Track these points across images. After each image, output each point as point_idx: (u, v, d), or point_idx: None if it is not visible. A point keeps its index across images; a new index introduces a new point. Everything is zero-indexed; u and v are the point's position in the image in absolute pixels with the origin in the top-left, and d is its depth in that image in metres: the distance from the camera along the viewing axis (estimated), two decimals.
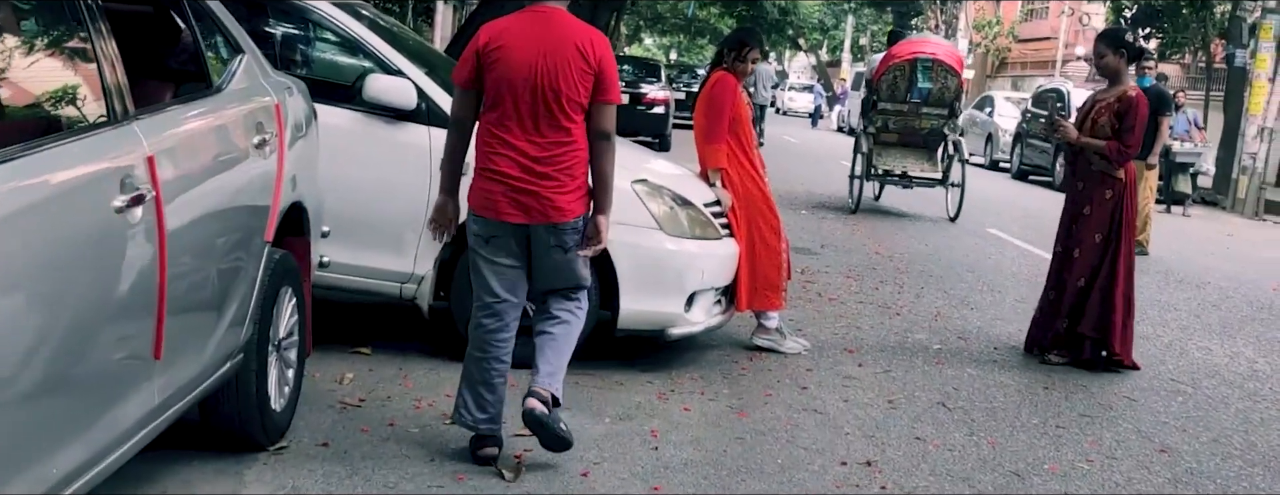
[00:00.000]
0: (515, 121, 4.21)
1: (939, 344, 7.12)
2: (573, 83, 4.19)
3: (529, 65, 4.16)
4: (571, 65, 4.18)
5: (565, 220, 4.28)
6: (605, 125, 4.30)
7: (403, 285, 5.78)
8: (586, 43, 4.22)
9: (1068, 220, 6.88)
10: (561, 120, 4.21)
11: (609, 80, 4.27)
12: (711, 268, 5.98)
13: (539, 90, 4.17)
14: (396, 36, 6.49)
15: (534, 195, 4.22)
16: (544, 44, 4.18)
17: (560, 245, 4.33)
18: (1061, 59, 38.99)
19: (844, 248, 11.08)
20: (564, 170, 4.24)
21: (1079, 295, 6.73)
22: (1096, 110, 6.75)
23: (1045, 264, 11.06)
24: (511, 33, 4.23)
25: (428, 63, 6.33)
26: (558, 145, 4.23)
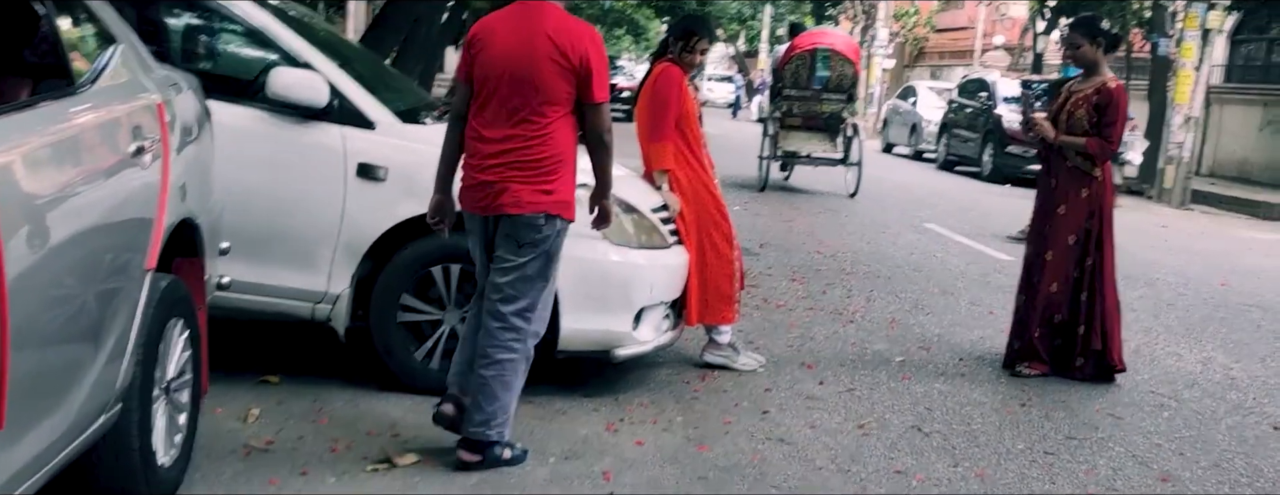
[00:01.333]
0: (490, 114, 4.18)
1: (901, 355, 6.61)
2: (545, 77, 4.10)
3: (504, 58, 4.13)
4: (543, 59, 4.09)
5: (521, 212, 4.14)
6: (599, 126, 4.19)
7: (316, 306, 5.13)
8: (564, 38, 4.11)
9: (1040, 221, 6.41)
10: (529, 114, 4.13)
11: (597, 78, 4.15)
12: (660, 280, 5.41)
13: (511, 84, 4.12)
14: (307, 27, 5.81)
15: (491, 186, 4.16)
16: (520, 38, 4.13)
17: (512, 236, 4.18)
18: (980, 48, 38.98)
19: (784, 247, 10.56)
20: (527, 163, 4.14)
21: (1051, 301, 6.26)
22: (1073, 103, 6.28)
23: (990, 261, 10.81)
24: (495, 26, 4.23)
25: (341, 55, 5.68)
26: (523, 138, 4.14)
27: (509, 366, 4.23)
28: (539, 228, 4.18)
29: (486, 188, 4.18)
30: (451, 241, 5.08)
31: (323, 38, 5.99)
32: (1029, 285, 6.38)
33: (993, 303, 8.44)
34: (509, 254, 4.21)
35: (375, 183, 5.08)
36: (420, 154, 5.10)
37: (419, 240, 5.12)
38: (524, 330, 4.24)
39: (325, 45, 5.69)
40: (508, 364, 4.23)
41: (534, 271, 4.23)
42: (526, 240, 4.18)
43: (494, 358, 4.21)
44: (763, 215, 12.73)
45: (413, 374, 5.17)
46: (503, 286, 4.22)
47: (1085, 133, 6.20)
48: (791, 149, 15.46)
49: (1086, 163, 6.22)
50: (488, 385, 4.21)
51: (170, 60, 5.55)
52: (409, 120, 5.32)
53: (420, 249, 5.13)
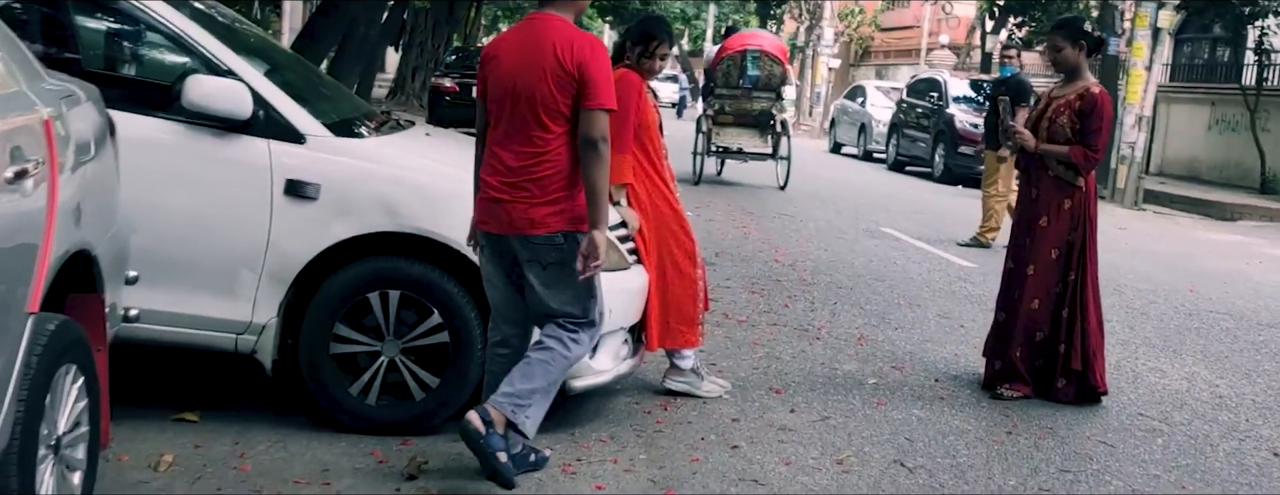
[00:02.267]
0: (500, 131, 4.13)
1: (873, 376, 6.21)
2: (548, 90, 4.02)
3: (511, 74, 4.09)
4: (547, 72, 4.02)
5: (536, 233, 4.06)
6: (590, 132, 4.01)
7: (239, 337, 4.63)
8: (565, 47, 4.03)
9: (1020, 233, 6.04)
10: (536, 129, 4.05)
11: (593, 84, 4.02)
12: (619, 304, 4.95)
13: (517, 99, 4.06)
14: (232, 31, 5.33)
15: (506, 205, 4.09)
16: (525, 52, 4.08)
17: (535, 260, 4.10)
18: (925, 48, 38.88)
19: (740, 256, 10.15)
20: (537, 181, 4.06)
21: (1032, 319, 5.90)
22: (1054, 109, 5.91)
23: (953, 268, 10.48)
24: (503, 42, 4.24)
25: (270, 62, 5.20)
26: (533, 156, 4.06)
27: (556, 358, 4.13)
28: (559, 247, 4.08)
29: (500, 206, 4.10)
30: (389, 266, 4.65)
31: (252, 43, 5.52)
32: (1009, 301, 6.01)
33: (962, 315, 8.08)
34: (540, 276, 4.12)
35: (305, 201, 4.59)
36: (355, 170, 4.66)
37: (353, 264, 4.66)
38: (581, 336, 4.21)
39: (252, 51, 5.22)
40: (556, 356, 4.13)
41: (572, 283, 4.12)
42: (550, 260, 4.10)
43: (546, 343, 4.15)
44: (716, 221, 12.32)
45: (347, 411, 4.70)
46: (556, 309, 4.16)
47: (1068, 141, 5.84)
48: (724, 145, 16.31)
49: (1069, 172, 5.86)
50: (530, 365, 4.12)
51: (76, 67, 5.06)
52: (343, 133, 4.85)
53: (355, 274, 4.66)
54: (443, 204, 4.66)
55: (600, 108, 4.01)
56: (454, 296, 4.65)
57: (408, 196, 4.64)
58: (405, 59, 29.89)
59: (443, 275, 4.66)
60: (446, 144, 5.65)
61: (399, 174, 4.71)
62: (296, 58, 6.05)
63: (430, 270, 4.65)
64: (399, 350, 4.69)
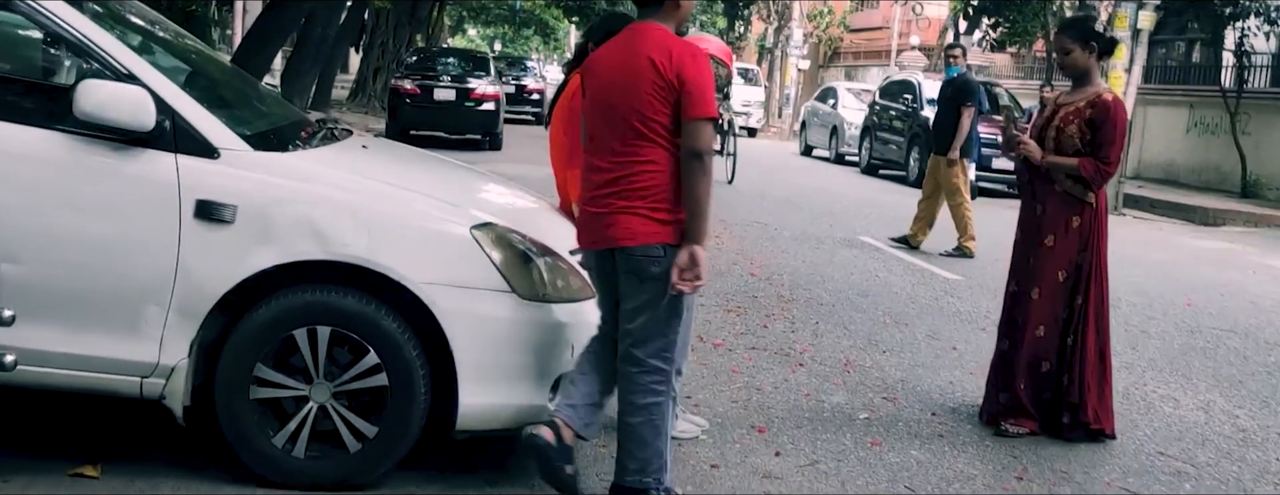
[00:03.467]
0: (599, 144, 4.01)
1: (865, 410, 5.64)
2: (646, 100, 3.88)
3: (608, 85, 3.98)
4: (644, 81, 3.88)
5: (634, 243, 3.90)
6: (694, 144, 3.86)
7: (145, 380, 4.02)
8: (662, 56, 3.88)
9: (1023, 252, 5.49)
10: (634, 140, 3.92)
11: (693, 94, 3.86)
12: (582, 338, 4.36)
13: (614, 110, 3.95)
14: (138, 30, 4.71)
15: (601, 218, 3.97)
16: (622, 62, 3.97)
17: (632, 272, 3.94)
18: (896, 49, 38.46)
19: (714, 269, 9.54)
20: (636, 192, 3.91)
21: (1038, 347, 5.35)
22: (1062, 117, 5.37)
23: (939, 282, 9.93)
24: (601, 54, 4.12)
25: (188, 66, 4.59)
26: (629, 166, 3.92)
27: (656, 410, 4.00)
28: (658, 259, 3.90)
29: (597, 220, 3.98)
30: (317, 298, 4.04)
31: (174, 46, 4.91)
32: (1012, 328, 5.46)
33: (953, 335, 7.53)
34: (634, 292, 3.96)
35: (219, 225, 3.98)
36: (277, 188, 4.05)
37: (278, 296, 4.05)
38: (665, 371, 4.02)
39: (174, 53, 4.61)
40: (654, 408, 4.00)
41: (665, 309, 3.96)
42: (648, 274, 3.91)
43: (639, 404, 4.00)
44: None
45: (271, 464, 4.09)
46: (634, 331, 3.98)
47: (1077, 152, 5.29)
48: None
49: (1078, 187, 5.31)
50: (636, 432, 3.99)
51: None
52: (268, 146, 4.23)
53: (279, 307, 4.05)
54: (381, 227, 4.06)
55: (703, 118, 3.86)
56: (393, 333, 4.05)
57: (340, 219, 4.04)
58: (366, 60, 29.20)
59: (380, 309, 4.06)
60: (387, 157, 5.04)
61: (329, 193, 4.10)
62: (221, 62, 5.41)
63: (366, 303, 4.05)
64: (330, 394, 4.10)
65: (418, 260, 4.06)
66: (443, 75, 20.45)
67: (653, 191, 3.90)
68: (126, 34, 4.40)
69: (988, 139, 18.97)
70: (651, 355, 3.99)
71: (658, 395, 4.00)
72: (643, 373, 3.99)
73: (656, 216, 3.90)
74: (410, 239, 4.08)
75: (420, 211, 4.17)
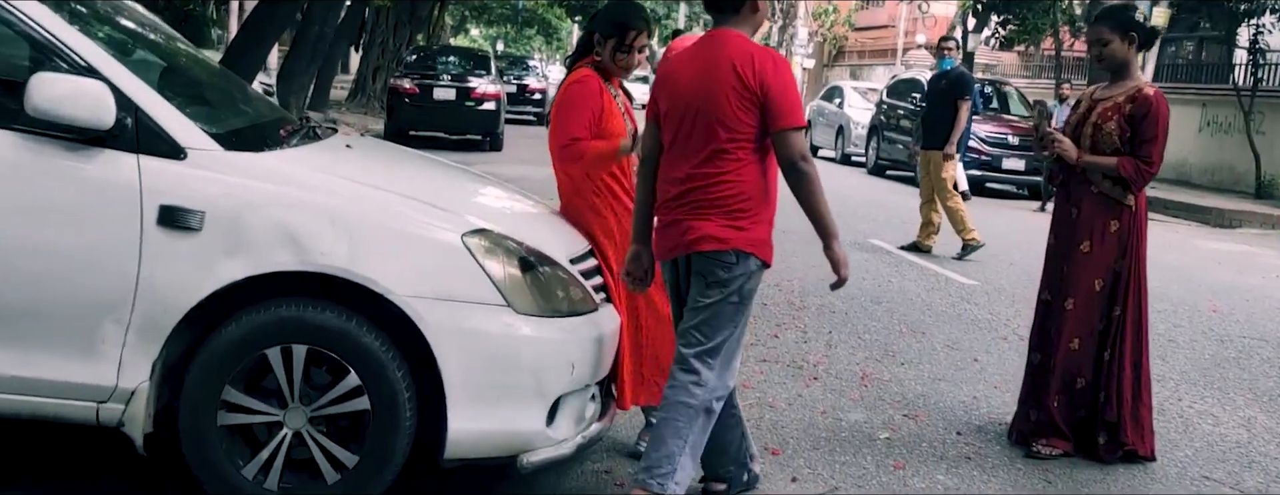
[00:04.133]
0: (676, 152, 3.91)
1: (885, 429, 5.28)
2: (730, 109, 3.78)
3: (688, 93, 3.87)
4: (726, 89, 3.78)
5: (707, 248, 3.82)
6: (788, 153, 3.79)
7: (102, 405, 3.67)
8: (745, 63, 3.78)
9: (1056, 259, 5.12)
10: (715, 148, 3.81)
11: (778, 104, 3.77)
12: (584, 356, 4.00)
13: (696, 118, 3.83)
14: (121, 27, 4.36)
15: (678, 226, 3.89)
16: (701, 68, 3.86)
17: (702, 273, 3.86)
18: (902, 47, 38.08)
19: None
20: (713, 201, 3.83)
21: (1072, 362, 4.99)
22: (1099, 114, 5.00)
23: (954, 287, 9.57)
24: (678, 60, 4.00)
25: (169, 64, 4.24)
26: (709, 177, 3.82)
27: (682, 413, 3.87)
28: (729, 265, 3.83)
29: (674, 228, 3.91)
30: (293, 314, 3.69)
31: (148, 39, 4.56)
32: (1045, 340, 5.09)
33: (973, 345, 7.17)
34: (698, 294, 3.89)
35: (185, 232, 3.63)
36: (250, 192, 3.69)
37: (248, 312, 3.70)
38: (704, 376, 3.90)
39: (146, 50, 4.26)
40: (681, 409, 3.87)
41: (724, 315, 3.89)
42: (715, 278, 3.84)
43: (669, 400, 3.91)
44: None
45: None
46: (687, 330, 3.93)
47: (1116, 151, 4.93)
48: None
49: (1117, 189, 4.95)
50: (657, 431, 3.90)
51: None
52: (241, 145, 3.87)
53: (250, 324, 3.70)
54: (362, 235, 3.70)
55: (793, 128, 3.77)
56: (375, 352, 3.70)
57: (318, 226, 3.68)
58: (366, 59, 28.84)
59: (362, 325, 3.70)
60: (373, 157, 4.68)
61: (306, 197, 3.74)
62: (207, 62, 5.01)
63: (346, 319, 3.70)
64: (307, 420, 3.74)
65: (403, 271, 3.70)
66: (442, 74, 20.10)
67: (731, 200, 3.82)
68: (96, 28, 4.04)
69: (995, 138, 18.63)
70: (697, 356, 3.90)
71: (691, 398, 3.87)
72: (684, 371, 3.90)
73: (734, 224, 3.82)
74: (395, 247, 3.72)
75: (406, 217, 3.81)
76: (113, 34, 4.27)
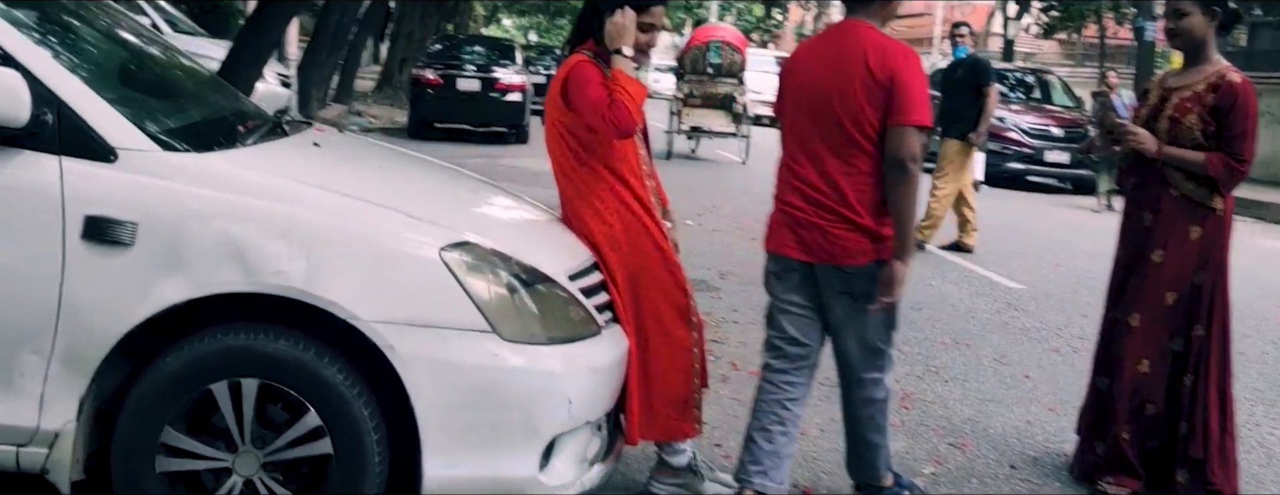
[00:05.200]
0: (802, 148, 3.82)
1: (930, 461, 4.72)
2: (859, 103, 3.66)
3: (814, 87, 3.76)
4: (857, 83, 3.66)
5: (853, 263, 3.75)
6: (898, 151, 3.65)
7: (21, 449, 3.17)
8: (876, 56, 3.66)
9: (1124, 271, 4.53)
10: (847, 147, 3.71)
11: (903, 97, 3.63)
12: (584, 389, 3.47)
13: (822, 114, 3.73)
14: (76, 15, 3.85)
15: (816, 229, 3.78)
16: (832, 63, 3.74)
17: (847, 291, 3.82)
18: (939, 35, 37.28)
19: (749, 277, 8.59)
20: (850, 204, 3.72)
21: (1141, 387, 4.40)
22: (1176, 105, 4.40)
23: (1000, 291, 8.95)
24: (804, 53, 3.94)
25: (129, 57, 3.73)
26: (842, 175, 3.72)
27: (878, 409, 4.00)
28: (874, 277, 3.73)
29: (809, 231, 3.79)
30: (242, 343, 3.17)
31: (113, 35, 4.04)
32: (1109, 361, 4.51)
33: (1024, 359, 6.58)
34: (852, 310, 3.82)
35: (115, 248, 3.13)
36: (192, 201, 3.18)
37: (191, 341, 3.18)
38: (884, 378, 3.98)
39: (90, 40, 3.75)
40: (875, 406, 4.00)
41: (882, 325, 3.87)
42: (865, 291, 3.76)
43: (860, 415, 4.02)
44: (721, 231, 10.82)
45: None
46: (852, 350, 3.92)
47: (1198, 146, 4.33)
48: (695, 124, 18.41)
49: (1201, 190, 4.35)
50: (859, 432, 4.03)
51: None
52: (185, 146, 3.34)
53: (193, 354, 3.19)
54: (323, 250, 3.18)
55: (911, 123, 3.61)
56: (338, 387, 3.18)
57: (270, 239, 3.16)
58: (392, 50, 28.39)
59: (323, 356, 3.18)
60: (344, 158, 4.12)
61: (259, 205, 3.21)
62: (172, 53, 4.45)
63: (304, 349, 3.18)
64: (260, 465, 3.23)
65: (370, 292, 3.18)
66: (467, 64, 19.56)
67: (864, 203, 3.71)
68: (27, 16, 3.51)
69: (1037, 129, 17.92)
70: (869, 370, 3.92)
71: (878, 395, 3.96)
72: (860, 386, 3.94)
73: (872, 231, 3.72)
74: (361, 264, 3.20)
75: (376, 228, 3.27)
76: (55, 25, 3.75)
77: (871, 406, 3.98)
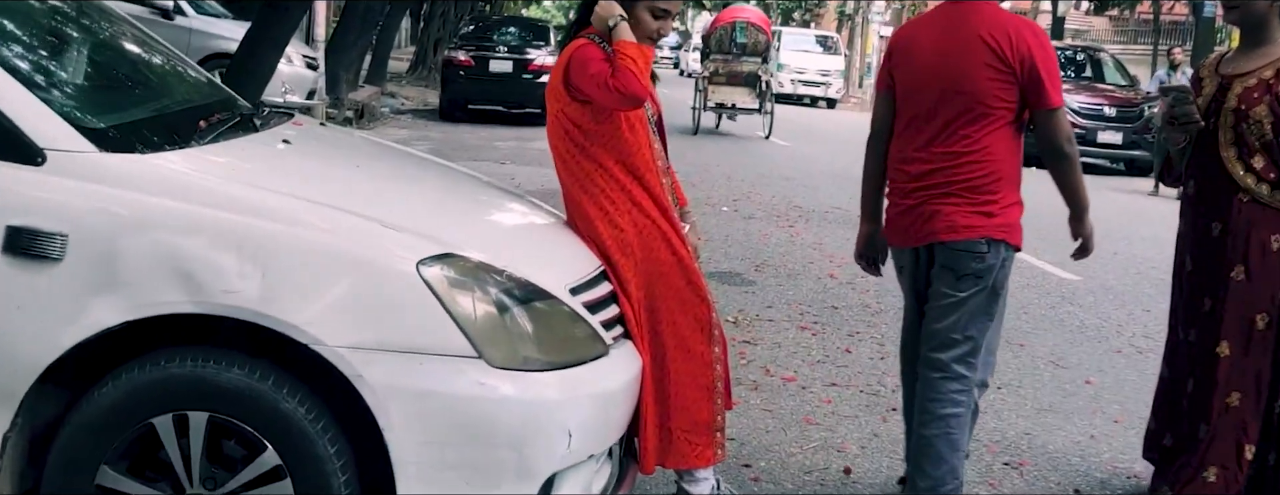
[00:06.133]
0: (916, 131, 3.63)
1: (984, 483, 4.26)
2: (982, 85, 3.49)
3: (931, 66, 3.58)
4: (977, 64, 3.49)
5: (957, 238, 3.53)
6: (1053, 136, 3.53)
7: None
8: (1002, 37, 3.48)
9: (1196, 289, 3.95)
10: (963, 128, 3.53)
11: (1044, 81, 3.49)
12: (587, 419, 3.03)
13: (937, 94, 3.55)
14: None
15: (918, 211, 3.60)
16: (946, 42, 3.57)
17: (949, 266, 3.57)
18: None
19: (786, 269, 8.17)
20: (961, 184, 3.53)
21: (1235, 423, 3.82)
22: (1240, 95, 3.82)
23: (1053, 282, 8.41)
24: (917, 31, 3.76)
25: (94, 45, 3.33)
26: (955, 156, 3.54)
27: (955, 423, 3.64)
28: (981, 255, 3.56)
29: (913, 214, 3.65)
30: (188, 371, 2.75)
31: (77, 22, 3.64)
32: (1193, 397, 3.91)
33: (1083, 361, 6.10)
34: (946, 289, 3.63)
35: (42, 264, 2.71)
36: (133, 209, 2.75)
37: (130, 369, 2.77)
38: (968, 379, 3.68)
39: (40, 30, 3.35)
40: (953, 420, 3.64)
41: (976, 307, 3.62)
42: (966, 270, 3.57)
43: (936, 414, 3.64)
44: (757, 219, 10.34)
45: None
46: (940, 332, 3.66)
47: (1268, 143, 3.78)
48: (720, 101, 19.09)
49: (1277, 193, 3.81)
50: (932, 446, 3.63)
51: None
52: (128, 145, 2.91)
53: (132, 385, 2.78)
54: (282, 264, 2.76)
55: (1059, 107, 3.54)
56: (299, 422, 2.76)
57: (221, 253, 2.74)
58: (426, 31, 28.00)
59: (282, 386, 2.76)
60: (316, 156, 3.64)
61: (209, 214, 2.78)
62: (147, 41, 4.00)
63: (260, 378, 2.76)
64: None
65: (335, 312, 2.76)
66: (499, 45, 19.15)
67: (980, 183, 3.54)
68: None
69: (1090, 109, 17.32)
70: (956, 360, 3.64)
71: (958, 406, 3.65)
72: (945, 379, 3.64)
73: (982, 209, 3.54)
74: (325, 281, 2.77)
75: (344, 238, 2.83)
76: None
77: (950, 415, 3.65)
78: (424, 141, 14.80)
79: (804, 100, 31.72)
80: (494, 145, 14.56)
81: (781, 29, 36.50)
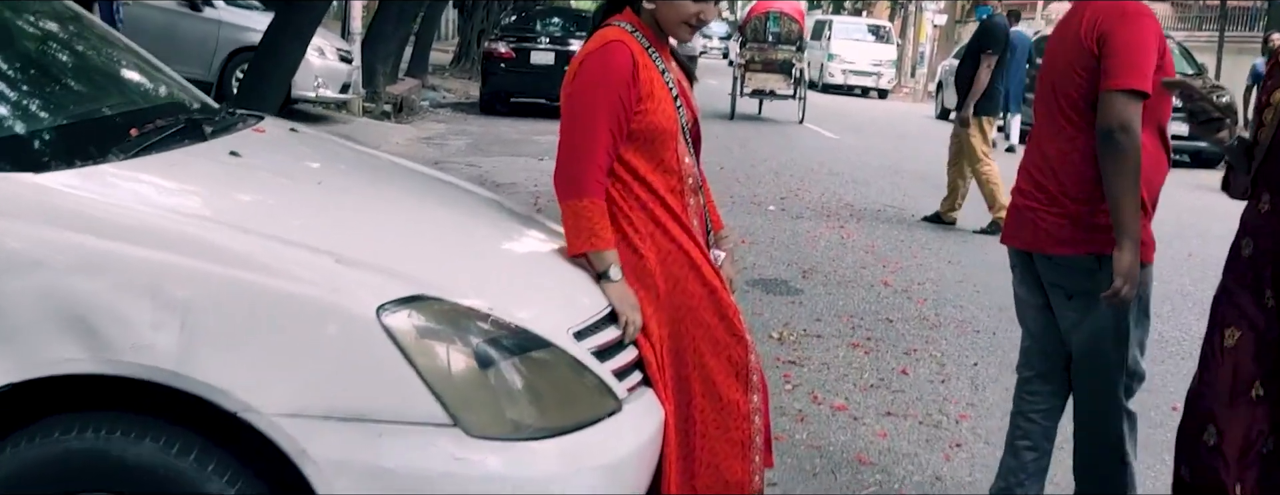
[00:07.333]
0: (1036, 130, 3.51)
1: None
2: (1070, 74, 3.29)
3: (1048, 63, 3.49)
4: (1070, 53, 3.30)
5: (1058, 252, 3.36)
6: (1106, 119, 3.18)
7: None
8: (1092, 17, 3.24)
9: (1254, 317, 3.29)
10: (1063, 121, 3.33)
11: (1112, 57, 3.18)
12: (595, 484, 2.47)
13: (1049, 90, 3.41)
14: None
15: (1031, 214, 3.42)
16: (1061, 37, 3.41)
17: (1058, 285, 3.42)
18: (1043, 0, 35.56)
19: (836, 275, 7.57)
20: (1061, 186, 3.33)
21: None
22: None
23: None
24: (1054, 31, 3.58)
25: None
26: (1060, 155, 3.34)
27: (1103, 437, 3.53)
28: (1091, 272, 3.27)
29: (1021, 215, 3.46)
30: (88, 445, 2.23)
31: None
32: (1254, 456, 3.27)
33: (1166, 383, 5.45)
34: (1061, 308, 3.42)
35: None
36: (22, 243, 2.22)
37: (18, 440, 2.24)
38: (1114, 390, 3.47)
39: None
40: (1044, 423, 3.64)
41: (1105, 323, 3.31)
42: (1077, 289, 3.33)
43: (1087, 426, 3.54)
44: (805, 219, 9.72)
45: None
46: (1075, 350, 3.44)
47: None
48: (757, 87, 19.95)
49: None
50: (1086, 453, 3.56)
51: None
52: (25, 161, 2.38)
53: (21, 461, 2.25)
54: (207, 314, 2.21)
55: (1121, 89, 3.15)
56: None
57: (129, 300, 2.20)
58: (469, 22, 27.50)
59: (207, 464, 2.22)
60: (272, 170, 3.02)
61: (114, 250, 2.24)
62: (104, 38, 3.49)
63: (179, 453, 2.22)
64: None
65: (274, 372, 2.22)
66: (541, 37, 18.62)
67: (1076, 187, 3.30)
68: None
69: None
70: (1092, 382, 3.49)
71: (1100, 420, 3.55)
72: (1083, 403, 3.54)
73: (1089, 219, 3.29)
74: (260, 332, 2.23)
75: (287, 278, 2.28)
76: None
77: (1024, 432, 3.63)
78: (461, 136, 14.30)
79: (855, 91, 30.98)
80: (533, 139, 14.03)
81: (833, 18, 35.74)
